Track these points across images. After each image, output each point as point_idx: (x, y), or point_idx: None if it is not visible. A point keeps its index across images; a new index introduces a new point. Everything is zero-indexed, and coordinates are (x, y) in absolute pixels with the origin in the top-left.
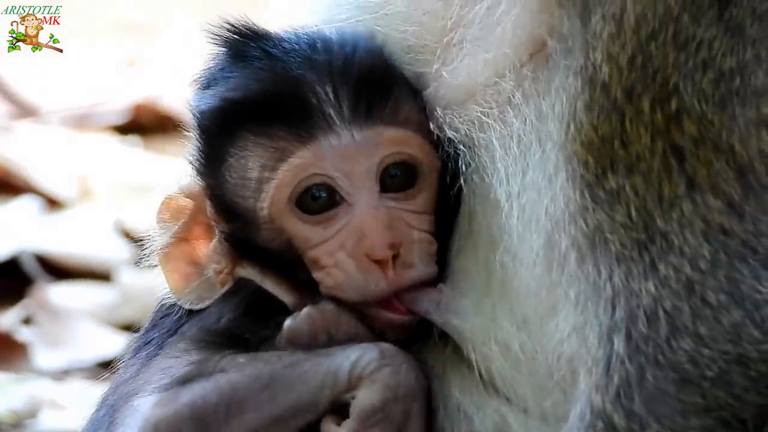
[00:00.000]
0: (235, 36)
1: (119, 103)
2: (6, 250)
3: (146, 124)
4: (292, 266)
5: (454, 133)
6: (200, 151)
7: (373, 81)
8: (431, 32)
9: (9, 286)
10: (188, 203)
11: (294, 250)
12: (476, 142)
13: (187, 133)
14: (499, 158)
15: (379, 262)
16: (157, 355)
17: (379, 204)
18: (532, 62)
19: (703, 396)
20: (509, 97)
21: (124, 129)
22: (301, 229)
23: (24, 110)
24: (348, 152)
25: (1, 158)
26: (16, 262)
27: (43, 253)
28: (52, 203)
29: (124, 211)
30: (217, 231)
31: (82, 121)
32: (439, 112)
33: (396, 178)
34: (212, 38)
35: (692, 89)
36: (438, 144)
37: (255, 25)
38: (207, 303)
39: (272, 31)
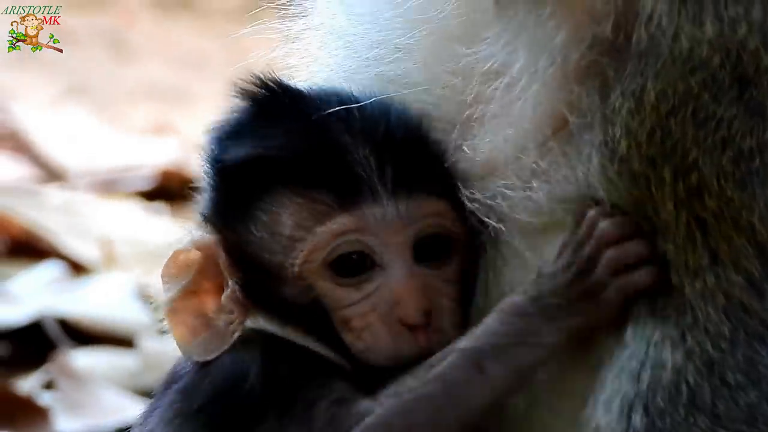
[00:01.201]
0: (263, 89)
1: (147, 169)
2: (29, 315)
3: (173, 191)
4: (320, 324)
5: (476, 206)
6: (219, 202)
7: (414, 151)
8: (450, 106)
9: (31, 350)
10: (197, 256)
11: (321, 308)
12: (498, 216)
13: (200, 183)
14: (523, 231)
15: (412, 328)
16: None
17: (413, 272)
18: (556, 137)
19: None
20: (533, 170)
21: (151, 195)
22: (332, 290)
23: (51, 174)
24: (387, 222)
25: (26, 221)
26: (38, 326)
27: (65, 317)
28: (76, 268)
29: (148, 277)
30: (230, 282)
31: (108, 186)
32: (460, 185)
33: (430, 249)
34: (240, 92)
35: (712, 166)
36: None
37: (282, 79)
38: (215, 355)
39: (301, 87)
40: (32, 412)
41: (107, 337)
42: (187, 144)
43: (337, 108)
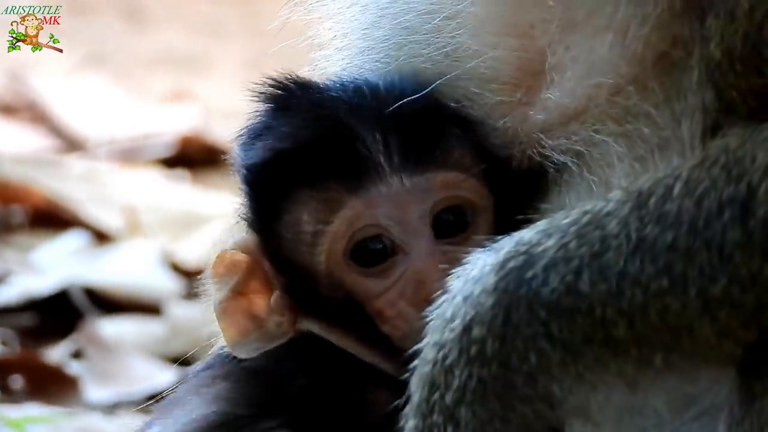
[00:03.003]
0: (279, 89)
1: (167, 137)
2: (55, 285)
3: (194, 157)
4: (359, 319)
5: (558, 155)
6: (252, 207)
7: (422, 125)
8: (509, 63)
9: (58, 320)
10: (243, 257)
11: (357, 302)
12: (588, 160)
13: (234, 173)
14: (620, 171)
15: None
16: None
17: (434, 250)
18: (656, 72)
19: None
20: (634, 110)
21: (172, 162)
22: (360, 282)
23: (72, 144)
24: (398, 200)
25: (49, 192)
26: (65, 296)
27: (92, 286)
28: (101, 237)
29: (172, 244)
30: (277, 284)
31: (129, 155)
32: (533, 137)
33: (450, 223)
34: (256, 95)
35: None
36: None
37: (298, 75)
38: (261, 351)
39: (316, 81)
40: (61, 381)
41: (134, 304)
42: (206, 110)
43: (348, 94)
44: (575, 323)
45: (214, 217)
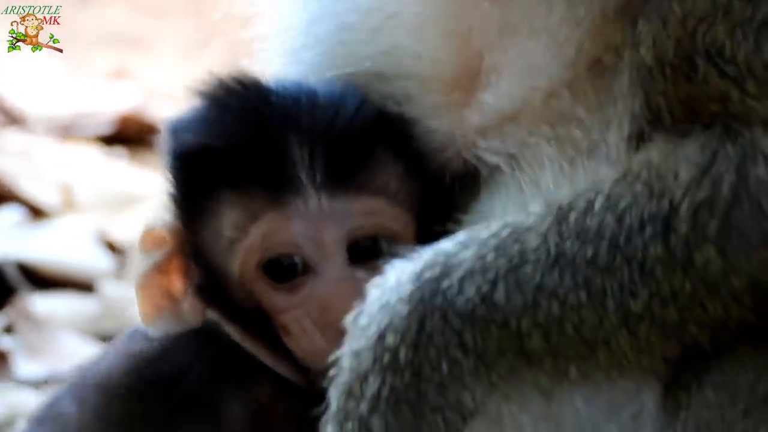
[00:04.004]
0: (220, 86)
1: (105, 114)
2: None
3: (132, 136)
4: (266, 328)
5: (492, 156)
6: (176, 196)
7: (351, 147)
8: (448, 64)
9: None
10: (169, 237)
11: (265, 312)
12: (520, 161)
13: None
14: (550, 172)
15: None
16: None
17: (346, 274)
18: (589, 77)
19: None
20: (567, 113)
21: (110, 140)
22: (270, 295)
23: (10, 118)
24: (316, 220)
25: None
26: None
27: (25, 262)
28: (36, 213)
29: (107, 222)
30: (192, 275)
31: (68, 131)
32: (468, 138)
33: (366, 249)
34: (197, 88)
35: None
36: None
37: (241, 73)
38: (170, 332)
39: (259, 82)
40: None
41: (67, 281)
42: (146, 90)
43: (288, 101)
44: (489, 333)
45: (150, 197)
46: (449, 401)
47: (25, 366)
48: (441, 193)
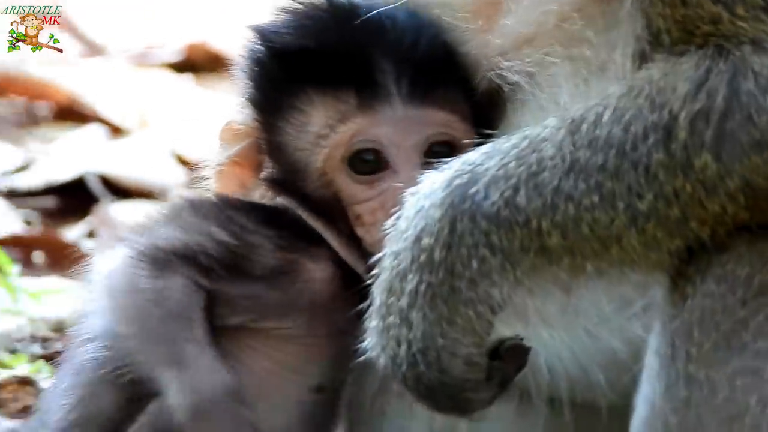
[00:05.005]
0: (310, 3)
1: (175, 44)
2: (73, 172)
3: (198, 63)
4: (339, 217)
5: (513, 76)
6: (260, 97)
7: (433, 65)
8: None
9: (76, 203)
10: (246, 132)
11: (339, 203)
12: (539, 80)
13: (238, 73)
14: (566, 89)
15: None
16: None
17: (419, 175)
18: (597, 1)
19: None
20: (578, 35)
21: (179, 67)
22: (349, 186)
23: (92, 49)
24: (400, 125)
25: (71, 90)
26: (82, 182)
27: (106, 174)
28: (115, 131)
29: (177, 139)
30: (267, 168)
31: (142, 59)
32: (492, 60)
33: (437, 154)
34: (289, 6)
35: None
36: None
37: None
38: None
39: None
40: (77, 257)
41: (142, 191)
42: (211, 21)
43: (375, 19)
44: (513, 234)
45: (216, 116)
46: (479, 296)
47: None
48: (476, 109)
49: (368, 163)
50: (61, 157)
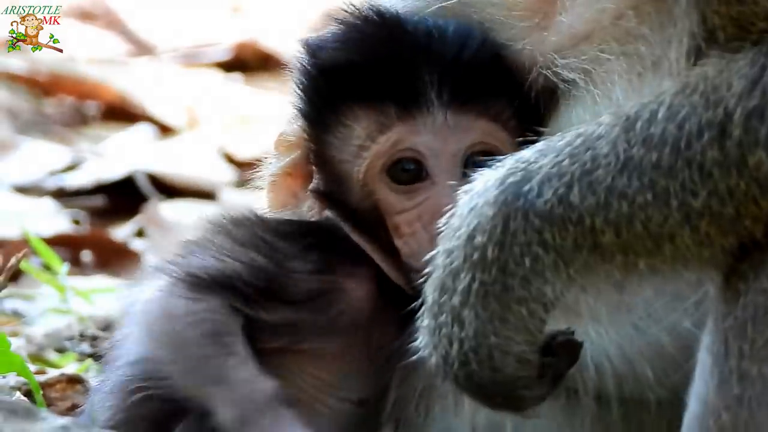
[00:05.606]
0: (359, 13)
1: (224, 44)
2: (123, 171)
3: (247, 63)
4: (378, 228)
5: (568, 73)
6: (309, 110)
7: (475, 74)
8: None
9: (125, 202)
10: (298, 144)
11: (380, 213)
12: (594, 77)
13: (291, 79)
14: (620, 86)
15: None
16: None
17: (459, 185)
18: (655, 0)
19: None
20: (633, 32)
21: (228, 66)
22: (388, 196)
23: (141, 48)
24: (440, 135)
25: (121, 90)
26: (131, 181)
27: (155, 173)
28: (164, 130)
29: (227, 138)
30: (314, 179)
31: (191, 59)
32: (548, 57)
33: (478, 164)
34: (337, 18)
35: None
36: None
37: (377, 5)
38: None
39: (394, 12)
40: (126, 256)
41: (191, 190)
42: (259, 21)
43: (421, 32)
44: (567, 231)
45: (265, 116)
46: (532, 294)
47: None
48: (529, 108)
49: (408, 172)
50: (110, 156)
